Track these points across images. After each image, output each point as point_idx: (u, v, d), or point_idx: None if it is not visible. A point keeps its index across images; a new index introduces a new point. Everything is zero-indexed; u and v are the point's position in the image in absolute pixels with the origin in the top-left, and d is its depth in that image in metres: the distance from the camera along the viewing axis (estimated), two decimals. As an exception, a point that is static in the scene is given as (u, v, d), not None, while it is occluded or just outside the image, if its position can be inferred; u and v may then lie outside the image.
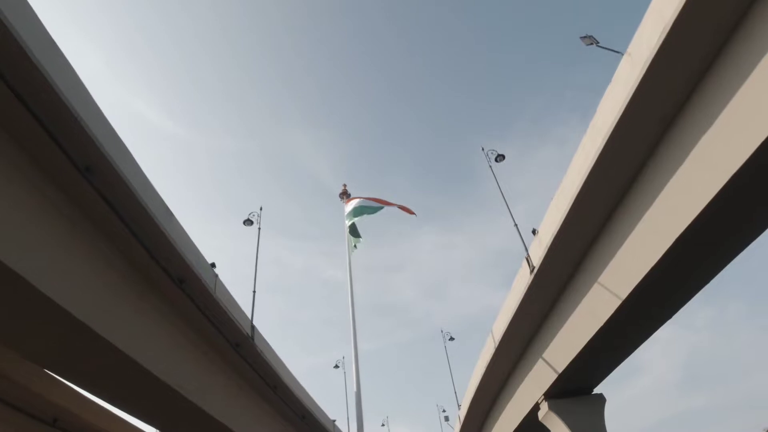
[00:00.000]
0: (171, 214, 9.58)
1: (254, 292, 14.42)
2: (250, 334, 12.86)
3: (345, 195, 22.62)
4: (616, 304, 10.49)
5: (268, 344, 14.31)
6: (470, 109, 79.56)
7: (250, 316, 13.49)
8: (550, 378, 14.29)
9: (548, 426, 15.35)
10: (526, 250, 12.43)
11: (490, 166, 15.33)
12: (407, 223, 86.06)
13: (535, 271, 11.73)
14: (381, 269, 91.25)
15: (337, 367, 26.95)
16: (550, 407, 14.97)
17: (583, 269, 11.37)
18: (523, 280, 12.61)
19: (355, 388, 15.69)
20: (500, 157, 15.31)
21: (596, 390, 15.59)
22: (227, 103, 74.79)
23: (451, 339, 26.78)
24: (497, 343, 15.13)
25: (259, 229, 16.15)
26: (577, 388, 15.06)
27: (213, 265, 11.17)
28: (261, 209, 16.64)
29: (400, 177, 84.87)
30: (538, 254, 11.71)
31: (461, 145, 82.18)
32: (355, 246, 19.21)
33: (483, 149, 15.74)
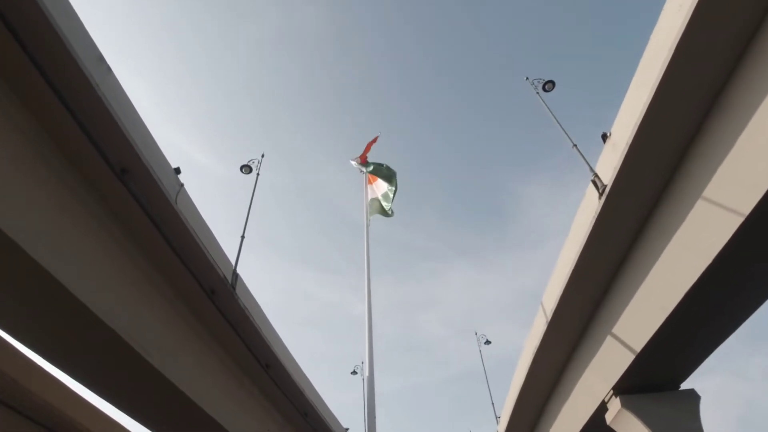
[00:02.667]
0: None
1: (242, 237, 11.78)
2: (229, 280, 10.11)
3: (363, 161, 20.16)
4: (733, 226, 7.14)
5: (257, 304, 11.47)
6: (503, 143, 76.57)
7: (234, 264, 10.81)
8: (621, 364, 10.70)
9: (620, 431, 11.55)
10: (592, 170, 9.29)
11: (538, 94, 12.44)
12: (438, 260, 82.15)
13: (607, 191, 8.55)
14: (410, 306, 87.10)
15: (354, 373, 23.67)
16: (624, 404, 11.24)
17: (684, 176, 8.05)
18: (588, 210, 9.41)
19: (366, 395, 12.57)
20: (549, 84, 12.43)
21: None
22: (264, 139, 75.19)
23: (488, 342, 23.01)
24: (549, 317, 11.69)
25: (258, 174, 13.69)
26: (657, 381, 11.34)
27: (177, 170, 8.65)
28: (263, 156, 14.27)
29: (429, 211, 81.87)
30: (608, 174, 8.58)
31: (492, 180, 78.84)
32: (390, 212, 16.31)
33: (528, 78, 12.92)
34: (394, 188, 15.93)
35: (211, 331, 10.61)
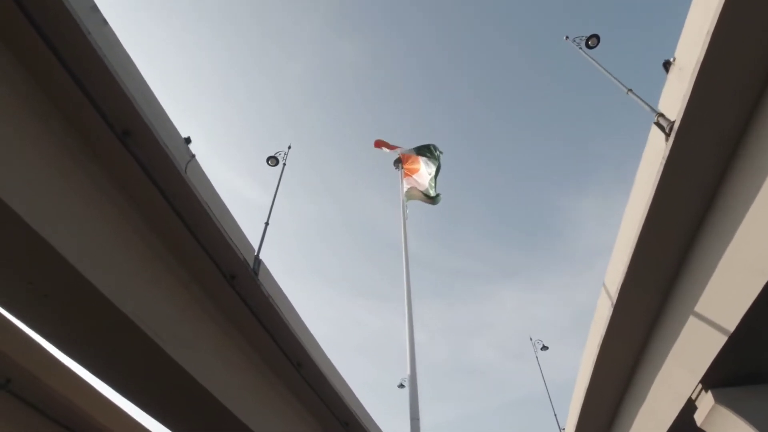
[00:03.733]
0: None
1: (266, 224, 11.08)
2: (252, 265, 9.37)
3: (399, 162, 19.26)
4: None
5: (285, 296, 10.62)
6: (548, 158, 73.25)
7: (256, 249, 10.09)
8: (710, 350, 8.86)
9: (716, 434, 9.53)
10: (654, 110, 7.87)
11: (581, 50, 11.15)
12: (488, 282, 78.86)
13: (675, 127, 7.13)
14: (463, 331, 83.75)
15: (402, 386, 22.16)
16: (718, 400, 9.30)
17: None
18: (653, 158, 7.95)
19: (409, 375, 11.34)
20: (593, 39, 11.13)
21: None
22: (311, 169, 76.43)
23: (544, 348, 20.86)
24: (615, 299, 10.03)
25: (284, 165, 13.14)
26: (758, 369, 9.34)
27: (188, 140, 8.10)
28: (289, 147, 13.77)
29: (474, 232, 79.19)
30: (675, 106, 7.18)
31: (538, 197, 75.40)
32: (436, 197, 15.09)
33: (567, 37, 11.67)
34: (436, 167, 14.61)
35: (233, 320, 9.85)
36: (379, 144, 16.19)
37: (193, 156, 8.12)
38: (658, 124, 7.67)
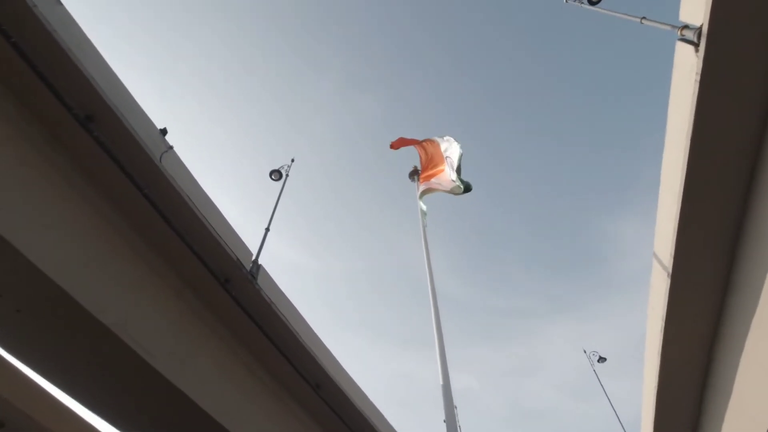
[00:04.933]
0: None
1: (267, 229, 10.31)
2: (248, 269, 8.52)
3: (415, 174, 18.44)
4: None
5: (288, 301, 9.60)
6: (582, 186, 70.53)
7: (255, 254, 9.28)
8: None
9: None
10: (675, 26, 6.77)
11: (583, 5, 10.25)
12: (534, 318, 74.34)
13: (704, 31, 6.00)
14: (514, 372, 78.37)
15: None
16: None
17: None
18: (684, 77, 6.75)
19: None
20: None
21: None
22: (361, 230, 76.93)
23: (602, 360, 18.42)
24: (671, 268, 8.43)
25: (287, 175, 12.56)
26: None
27: (164, 131, 7.60)
28: (293, 161, 13.28)
29: (513, 267, 75.97)
30: (701, 8, 6.10)
31: (575, 224, 72.19)
32: (466, 187, 14.02)
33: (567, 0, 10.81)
34: (459, 155, 13.56)
35: (234, 331, 8.89)
36: (396, 145, 15.47)
37: (171, 147, 7.60)
38: (683, 39, 6.56)
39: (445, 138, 14.62)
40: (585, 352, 19.08)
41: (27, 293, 6.49)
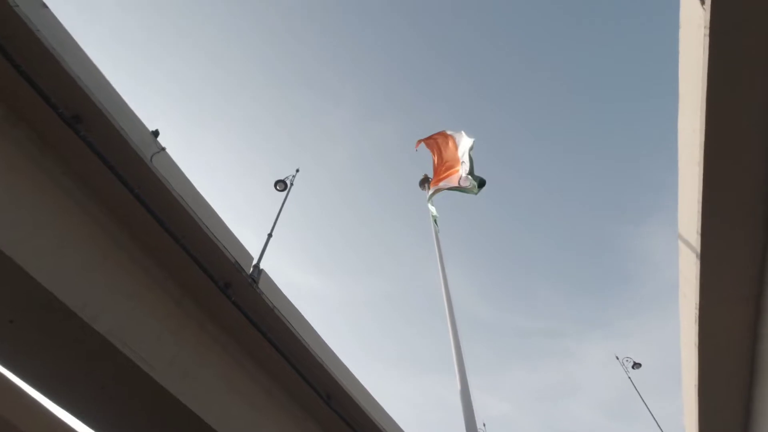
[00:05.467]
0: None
1: (269, 235, 10.03)
2: (248, 273, 8.21)
3: (426, 182, 18.06)
4: None
5: (293, 307, 9.20)
6: (604, 202, 68.52)
7: (257, 259, 8.98)
8: None
9: None
10: (677, -20, 6.37)
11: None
12: (567, 338, 71.30)
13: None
14: (551, 394, 75.09)
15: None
16: None
17: None
18: (691, 35, 6.30)
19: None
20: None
21: None
22: (386, 254, 76.42)
23: (636, 366, 17.21)
24: (699, 246, 7.76)
25: (292, 184, 12.39)
26: None
27: (155, 133, 7.48)
28: (297, 171, 13.12)
29: (542, 287, 73.59)
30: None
31: (600, 241, 69.93)
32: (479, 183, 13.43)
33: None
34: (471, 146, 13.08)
35: (237, 339, 8.50)
36: (421, 143, 15.15)
37: (163, 149, 7.47)
38: (686, -7, 6.16)
39: (462, 135, 14.22)
40: (618, 358, 17.96)
41: (19, 302, 6.30)
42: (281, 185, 12.64)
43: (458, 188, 13.08)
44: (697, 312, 8.57)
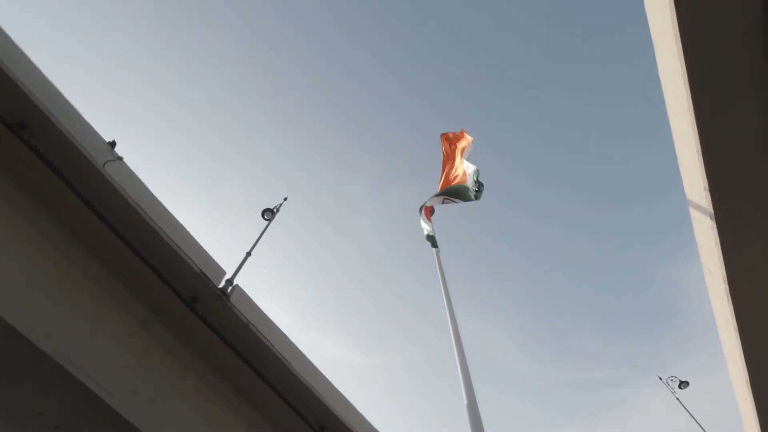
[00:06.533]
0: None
1: (248, 254, 9.47)
2: (219, 287, 7.60)
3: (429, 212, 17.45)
4: None
5: (272, 323, 8.35)
6: (640, 237, 65.42)
7: (231, 274, 8.37)
8: None
9: None
10: None
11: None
12: (620, 387, 65.36)
13: None
14: None
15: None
16: None
17: None
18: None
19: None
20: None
21: None
22: (415, 319, 74.78)
23: (684, 385, 15.16)
24: (713, 210, 6.86)
25: (278, 211, 12.00)
26: None
27: (113, 143, 7.26)
28: (285, 199, 12.82)
29: (586, 336, 69.52)
30: None
31: (641, 278, 66.25)
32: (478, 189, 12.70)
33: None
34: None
35: (211, 365, 7.69)
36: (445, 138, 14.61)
37: (120, 158, 7.23)
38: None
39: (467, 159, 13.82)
40: (661, 378, 15.89)
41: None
42: (269, 214, 12.30)
43: (458, 190, 12.41)
44: (727, 287, 7.48)
